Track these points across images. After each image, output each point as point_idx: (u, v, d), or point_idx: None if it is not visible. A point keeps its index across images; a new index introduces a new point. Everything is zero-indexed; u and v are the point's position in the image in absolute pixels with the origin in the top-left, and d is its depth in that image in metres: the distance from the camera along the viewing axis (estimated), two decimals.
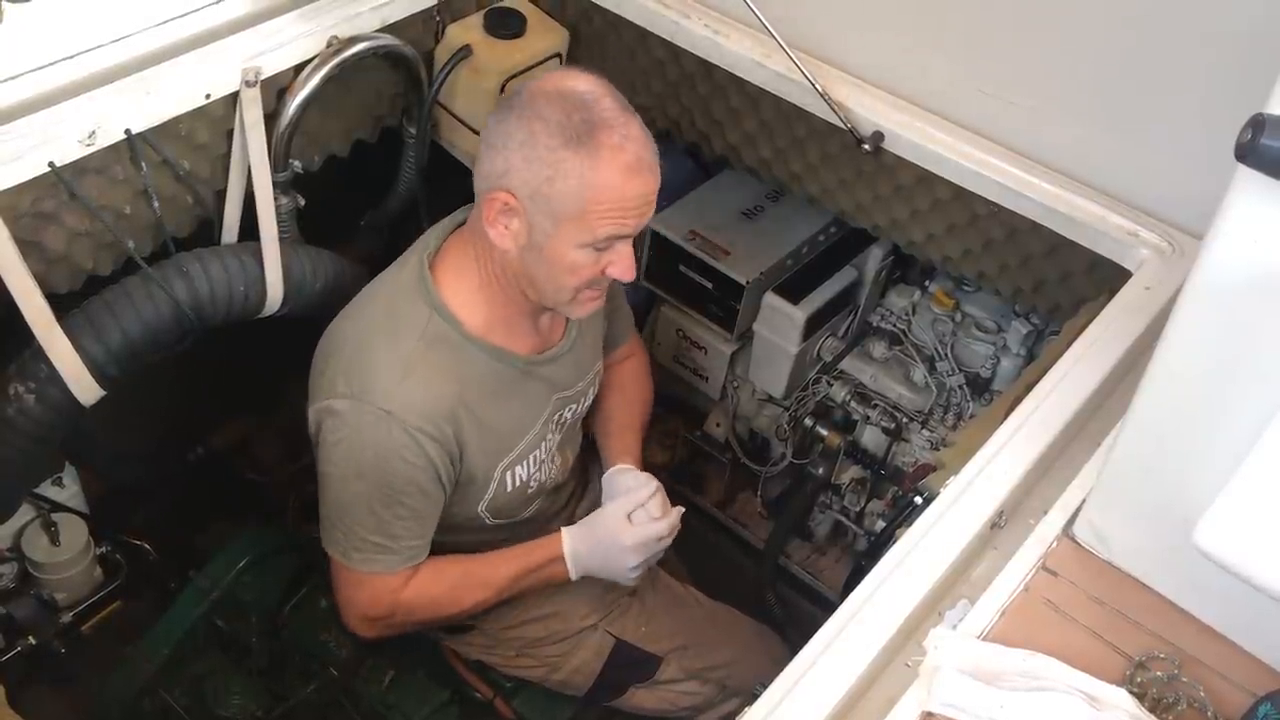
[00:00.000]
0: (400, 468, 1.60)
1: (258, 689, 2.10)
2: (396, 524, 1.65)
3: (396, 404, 1.58)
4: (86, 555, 2.03)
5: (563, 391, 1.81)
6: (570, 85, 1.52)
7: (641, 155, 1.52)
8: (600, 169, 1.48)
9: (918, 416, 2.32)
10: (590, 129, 1.48)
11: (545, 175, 1.49)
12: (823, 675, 1.16)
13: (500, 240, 1.57)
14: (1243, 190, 0.97)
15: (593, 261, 1.57)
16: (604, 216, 1.51)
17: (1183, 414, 1.15)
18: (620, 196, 1.51)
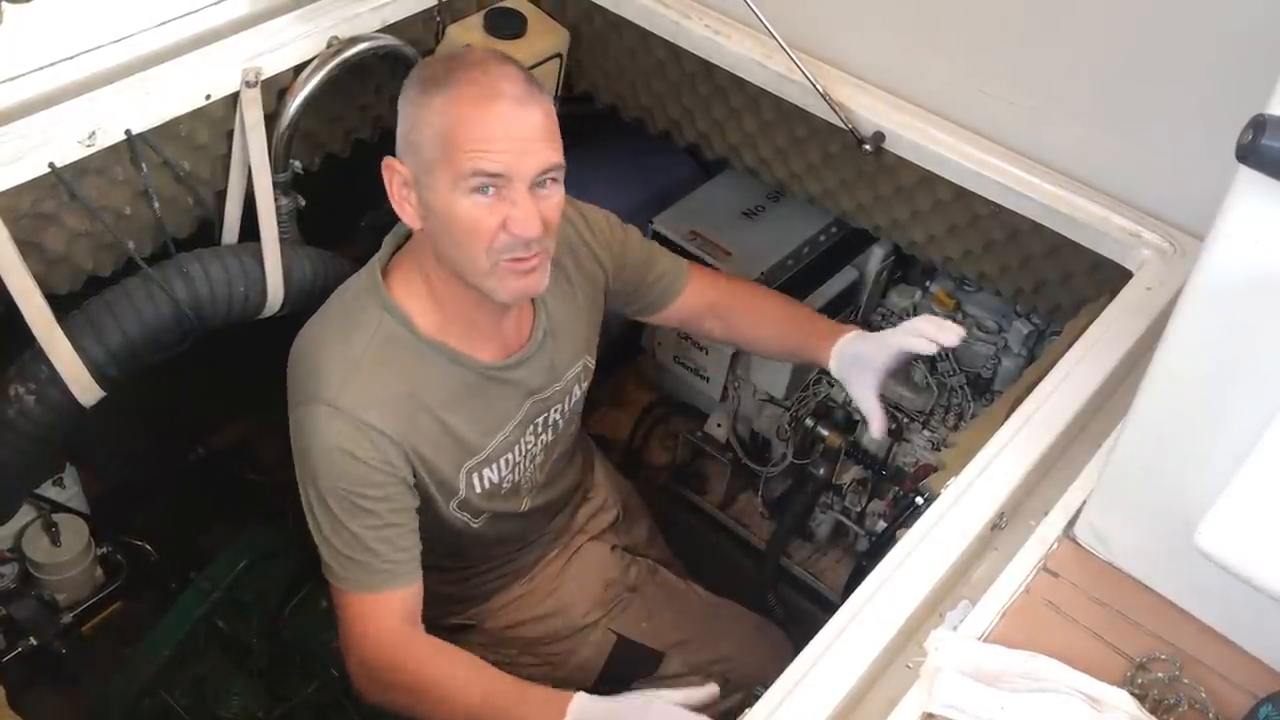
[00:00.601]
0: (354, 468, 1.53)
1: (258, 689, 2.10)
2: (369, 535, 1.56)
3: (345, 400, 1.52)
4: (87, 556, 2.03)
5: (538, 394, 1.75)
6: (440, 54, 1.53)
7: (500, 86, 1.45)
8: (454, 102, 1.44)
9: (919, 417, 2.32)
10: (448, 71, 1.47)
11: (410, 125, 1.48)
12: (824, 676, 1.16)
13: (406, 217, 1.53)
14: (1244, 191, 0.97)
15: (486, 211, 1.46)
16: (464, 150, 1.43)
17: (1184, 415, 1.15)
18: (478, 127, 1.43)
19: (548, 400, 1.77)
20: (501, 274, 1.51)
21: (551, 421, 1.81)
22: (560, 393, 1.79)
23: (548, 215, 1.50)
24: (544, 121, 1.48)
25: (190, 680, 2.13)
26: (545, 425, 1.80)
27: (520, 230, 1.46)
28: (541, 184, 1.49)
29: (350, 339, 1.57)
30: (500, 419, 1.71)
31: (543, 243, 1.52)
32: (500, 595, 1.95)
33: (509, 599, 1.96)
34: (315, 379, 1.55)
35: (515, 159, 1.45)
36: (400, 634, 1.60)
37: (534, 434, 1.78)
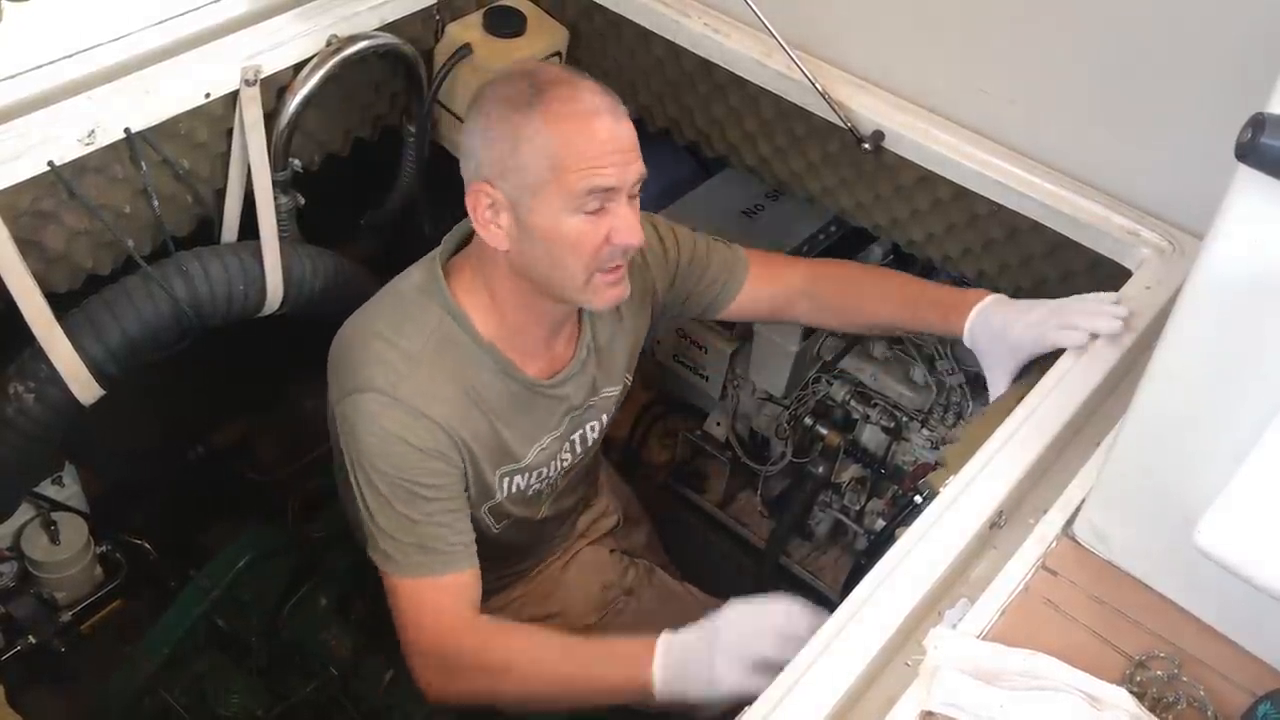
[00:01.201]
0: (412, 456, 1.53)
1: (258, 688, 2.10)
2: (429, 521, 1.55)
3: (403, 392, 1.52)
4: (86, 554, 2.03)
5: (577, 410, 1.75)
6: (518, 66, 1.53)
7: (596, 101, 1.47)
8: (557, 122, 1.44)
9: (917, 415, 2.32)
10: (537, 89, 1.45)
11: (508, 148, 1.46)
12: (822, 675, 1.16)
13: (494, 240, 1.52)
14: (1243, 190, 0.97)
15: (592, 228, 1.48)
16: (576, 169, 1.44)
17: (1183, 413, 1.15)
18: (586, 143, 1.44)
19: (584, 416, 1.78)
20: (596, 286, 1.54)
21: (586, 436, 1.81)
22: (598, 410, 1.80)
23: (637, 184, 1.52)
24: (631, 128, 1.51)
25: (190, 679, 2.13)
26: (580, 440, 1.81)
27: (626, 239, 1.50)
28: (632, 194, 1.52)
29: (407, 334, 1.57)
30: (540, 430, 1.71)
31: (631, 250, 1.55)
32: (499, 596, 1.95)
33: (508, 599, 1.96)
34: (369, 369, 1.55)
35: (621, 171, 1.47)
36: (465, 618, 1.57)
37: (569, 448, 1.79)
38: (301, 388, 2.67)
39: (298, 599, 2.17)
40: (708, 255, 1.84)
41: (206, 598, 2.17)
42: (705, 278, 1.84)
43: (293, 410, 2.68)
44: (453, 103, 2.08)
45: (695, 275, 1.83)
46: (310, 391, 2.65)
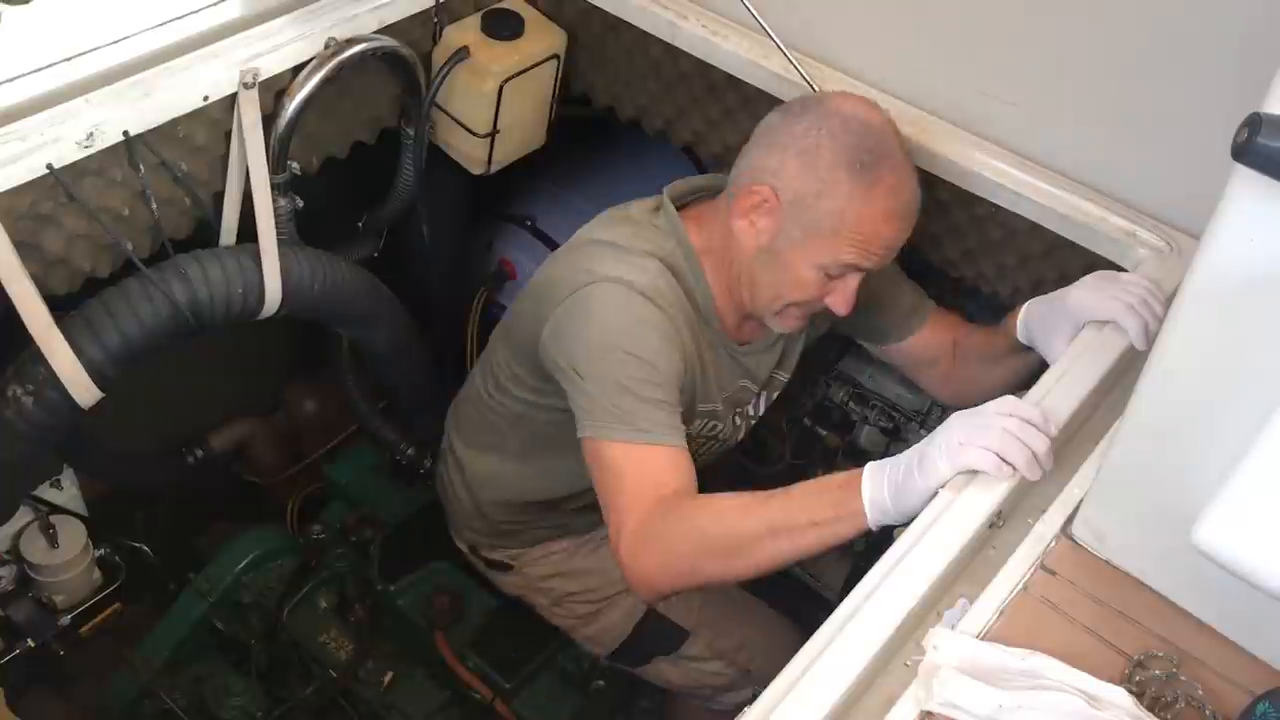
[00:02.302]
0: (653, 340, 1.56)
1: (257, 691, 2.11)
2: (653, 403, 1.54)
3: (641, 281, 1.59)
4: (85, 558, 2.03)
5: (757, 384, 1.86)
6: (869, 117, 1.58)
7: (910, 204, 1.58)
8: (871, 202, 1.54)
9: (915, 416, 2.32)
10: (875, 163, 1.54)
11: (816, 189, 1.55)
12: (822, 675, 1.16)
13: (742, 233, 1.63)
14: (1239, 190, 0.97)
15: (819, 284, 1.61)
16: (853, 245, 1.56)
17: (1181, 413, 1.16)
18: (875, 234, 1.56)
19: (746, 395, 1.86)
20: (785, 317, 1.69)
21: (757, 412, 1.91)
22: (770, 389, 1.90)
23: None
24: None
25: (189, 682, 2.13)
26: (740, 413, 1.88)
27: (841, 309, 1.64)
28: None
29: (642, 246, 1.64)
30: (721, 383, 1.79)
31: None
32: (546, 545, 2.00)
33: (553, 550, 2.00)
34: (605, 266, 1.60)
35: (880, 261, 1.61)
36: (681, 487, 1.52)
37: (741, 416, 1.88)
38: (299, 390, 2.68)
39: (297, 601, 2.18)
40: (896, 292, 1.90)
41: (205, 601, 2.18)
42: (886, 313, 1.90)
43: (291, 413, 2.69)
44: (451, 105, 2.08)
45: (876, 306, 1.87)
46: (309, 394, 2.67)
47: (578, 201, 2.45)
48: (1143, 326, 1.51)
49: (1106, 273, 1.63)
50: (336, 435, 2.68)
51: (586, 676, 2.07)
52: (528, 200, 2.53)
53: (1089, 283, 1.61)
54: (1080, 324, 1.59)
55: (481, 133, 2.09)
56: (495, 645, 2.06)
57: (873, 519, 1.37)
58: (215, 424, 2.52)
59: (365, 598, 2.18)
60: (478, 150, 2.12)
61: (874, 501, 1.36)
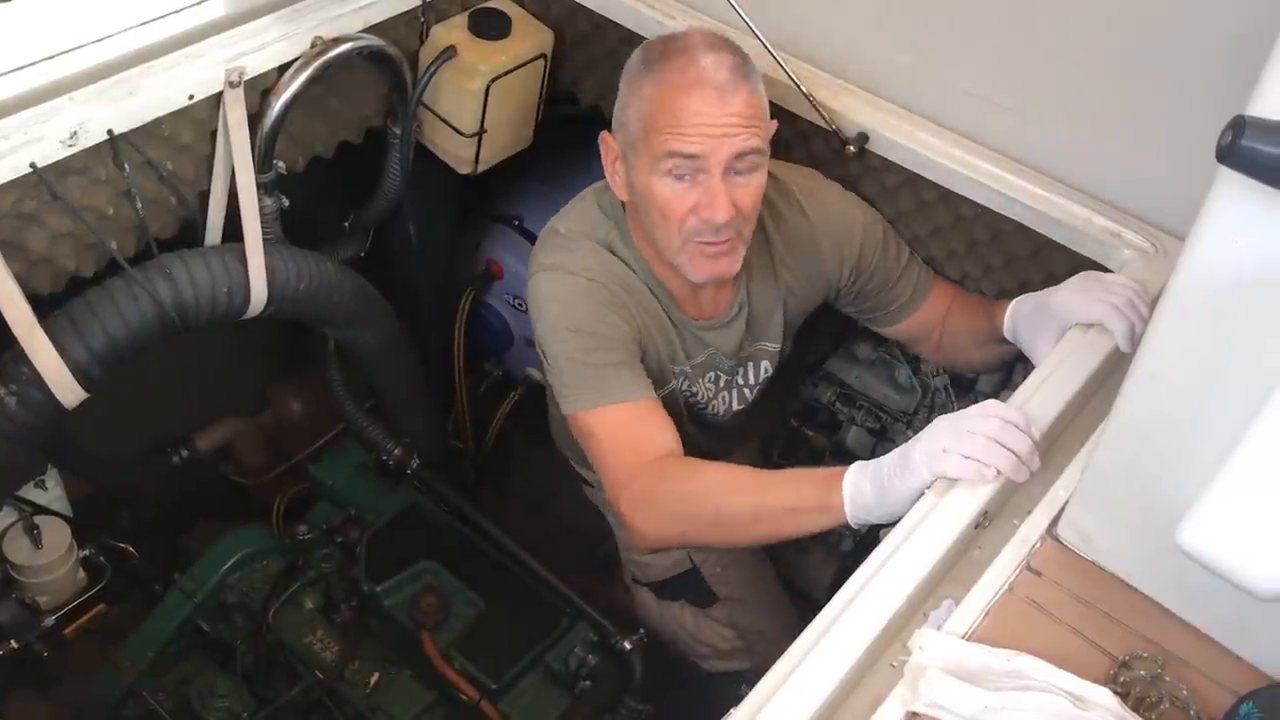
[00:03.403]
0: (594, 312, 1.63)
1: (242, 692, 2.10)
2: (610, 367, 1.63)
3: (577, 264, 1.66)
4: (69, 558, 2.02)
5: (725, 357, 1.85)
6: (677, 32, 1.58)
7: (705, 74, 1.51)
8: (659, 84, 1.52)
9: (902, 417, 2.32)
10: (663, 53, 1.52)
11: (623, 104, 1.56)
12: (808, 676, 1.16)
13: (616, 188, 1.65)
14: (1224, 192, 0.97)
15: (678, 196, 1.55)
16: (661, 133, 1.51)
17: (1165, 414, 1.16)
18: (674, 110, 1.51)
19: (732, 366, 1.87)
20: (691, 254, 1.61)
21: (735, 384, 1.92)
22: (756, 357, 1.90)
23: (741, 201, 1.56)
24: (746, 108, 1.53)
25: (174, 683, 2.12)
26: (730, 384, 1.91)
27: (709, 215, 1.55)
28: (739, 170, 1.55)
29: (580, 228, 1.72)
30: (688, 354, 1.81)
31: (735, 227, 1.58)
32: None
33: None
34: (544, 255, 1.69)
35: (712, 143, 1.51)
36: (659, 443, 1.60)
37: (722, 383, 1.89)
38: (285, 390, 2.67)
39: (282, 602, 2.17)
40: (901, 270, 1.89)
41: (191, 601, 2.17)
42: (891, 291, 1.90)
43: (277, 412, 2.68)
44: (437, 105, 2.07)
45: (881, 285, 1.89)
46: (295, 393, 2.66)
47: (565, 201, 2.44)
48: (1129, 328, 1.52)
49: (1092, 274, 1.64)
50: (323, 435, 2.68)
51: (574, 677, 2.07)
52: (515, 200, 2.52)
53: (1075, 284, 1.61)
54: (1066, 326, 1.59)
55: (468, 132, 2.08)
56: (482, 646, 2.06)
57: (853, 516, 1.40)
58: (201, 424, 2.51)
59: (351, 598, 2.17)
60: (465, 150, 2.12)
61: (854, 500, 1.39)
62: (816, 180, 1.87)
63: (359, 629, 2.16)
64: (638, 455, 1.59)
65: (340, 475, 2.39)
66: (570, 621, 2.11)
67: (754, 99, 1.56)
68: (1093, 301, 1.56)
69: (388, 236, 2.32)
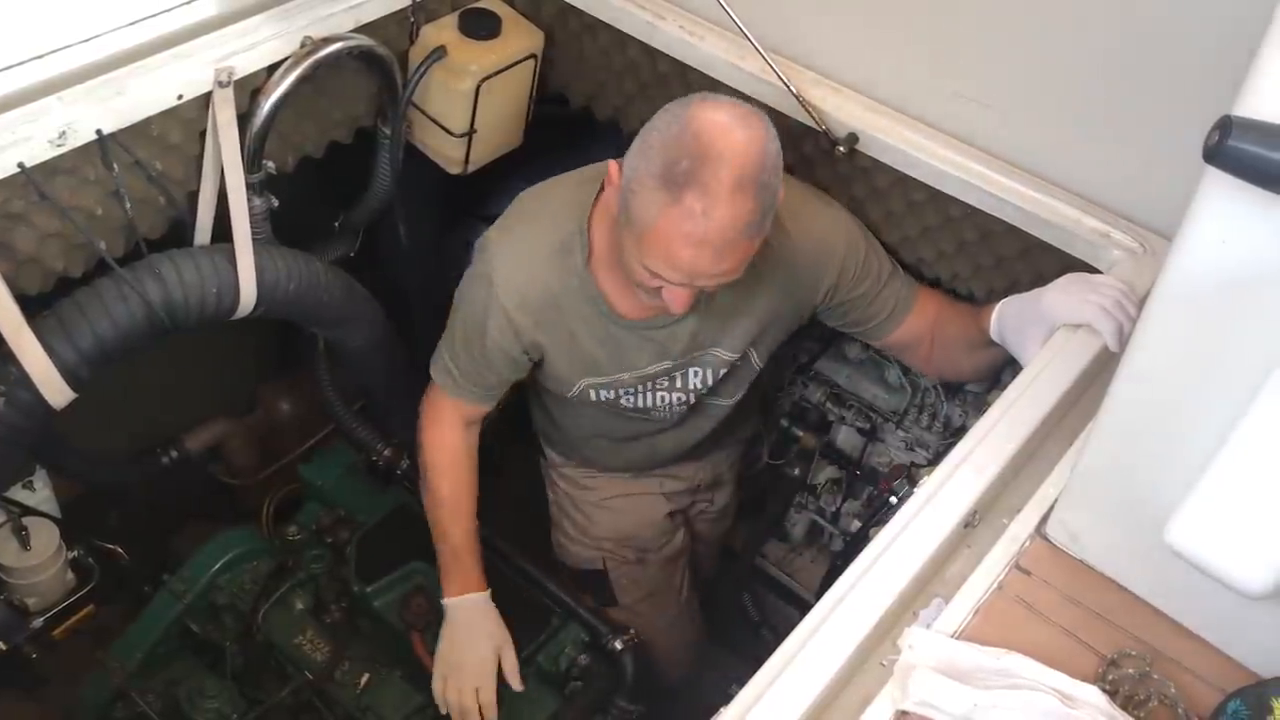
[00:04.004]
0: (479, 328, 1.79)
1: (232, 693, 2.09)
2: (466, 361, 1.85)
3: (501, 276, 1.75)
4: (58, 560, 2.01)
5: (674, 359, 1.85)
6: (713, 132, 1.46)
7: (710, 236, 1.47)
8: (668, 219, 1.47)
9: (892, 417, 2.33)
10: (685, 181, 1.45)
11: (634, 184, 1.52)
12: (798, 674, 1.16)
13: (609, 199, 1.65)
14: (1211, 192, 0.98)
15: (649, 277, 1.58)
16: (656, 257, 1.53)
17: (1153, 414, 1.16)
18: (674, 253, 1.50)
19: (683, 364, 1.87)
20: (648, 295, 1.65)
21: (690, 385, 1.92)
22: (701, 363, 1.89)
23: (709, 289, 1.62)
24: (739, 263, 1.55)
25: (163, 684, 2.12)
26: (682, 384, 1.92)
27: (672, 308, 1.63)
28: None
29: (541, 228, 1.77)
30: (628, 360, 1.85)
31: None
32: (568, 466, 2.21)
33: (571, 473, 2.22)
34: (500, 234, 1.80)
35: (690, 280, 1.56)
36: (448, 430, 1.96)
37: (664, 386, 1.91)
38: (274, 390, 2.67)
39: (272, 603, 2.16)
40: (883, 285, 1.88)
41: (180, 602, 2.16)
42: (873, 306, 1.89)
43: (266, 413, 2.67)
44: (428, 105, 2.07)
45: (863, 301, 1.88)
46: (284, 394, 2.66)
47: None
48: (1117, 329, 1.53)
49: (1079, 275, 1.64)
50: (312, 436, 2.67)
51: (564, 677, 2.07)
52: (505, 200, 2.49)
53: (1062, 285, 1.62)
54: (1054, 327, 1.60)
55: (459, 132, 2.08)
56: None
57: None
58: (190, 425, 2.50)
59: (341, 599, 2.17)
60: (455, 150, 2.12)
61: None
62: (803, 197, 1.84)
63: (349, 630, 2.16)
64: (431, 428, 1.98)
65: (330, 476, 2.39)
66: (561, 621, 2.11)
67: (753, 246, 1.55)
68: (1080, 303, 1.57)
69: (378, 237, 2.31)
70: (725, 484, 2.34)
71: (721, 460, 2.29)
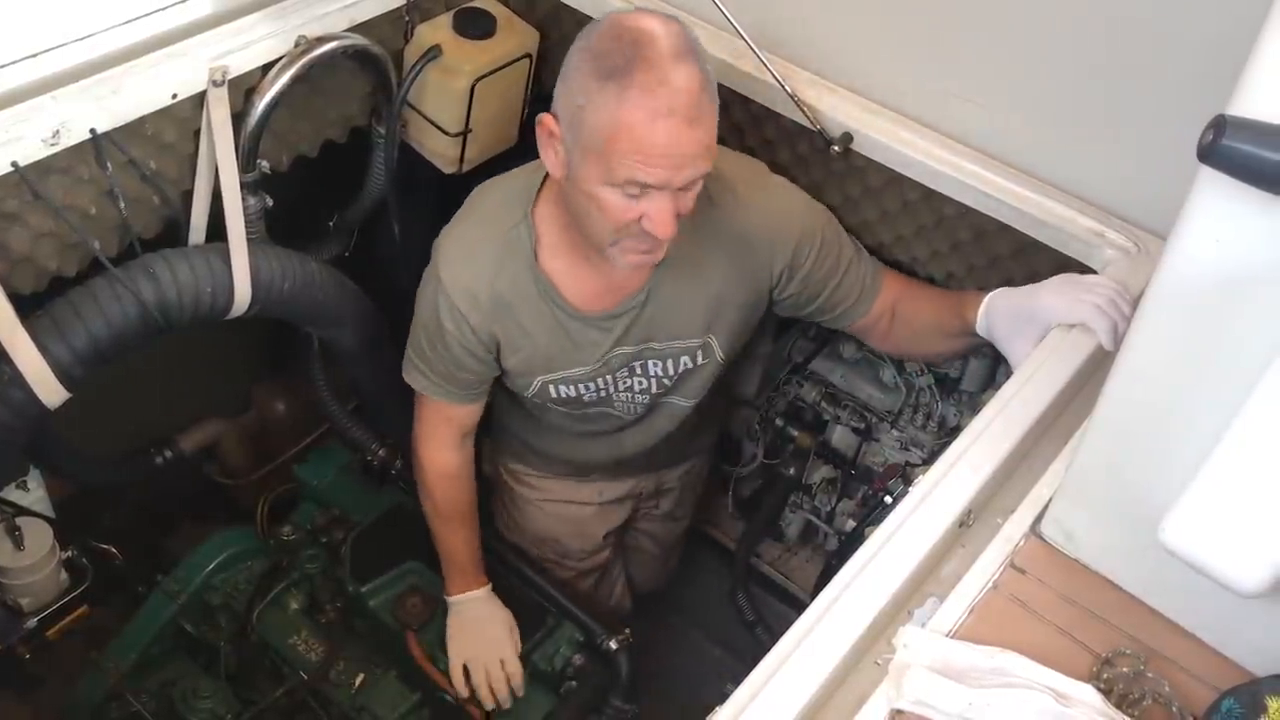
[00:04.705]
0: (436, 324, 1.78)
1: (226, 693, 2.09)
2: (433, 358, 1.83)
3: (448, 275, 1.74)
4: (52, 560, 2.00)
5: (631, 346, 1.81)
6: (636, 23, 1.47)
7: (676, 103, 1.43)
8: (626, 108, 1.43)
9: (887, 416, 2.33)
10: (630, 66, 1.43)
11: (579, 104, 1.47)
12: (793, 674, 1.16)
13: (550, 164, 1.58)
14: (1205, 191, 0.98)
15: (625, 207, 1.51)
16: (624, 157, 1.46)
17: (1147, 413, 1.17)
18: (641, 140, 1.44)
19: (641, 354, 1.84)
20: (624, 249, 1.60)
21: (651, 373, 1.89)
22: (660, 353, 1.86)
23: (682, 208, 1.54)
24: (709, 134, 1.50)
25: (157, 685, 2.11)
26: (643, 371, 1.88)
27: (656, 231, 1.53)
28: (686, 187, 1.52)
29: (485, 224, 1.75)
30: (582, 355, 1.82)
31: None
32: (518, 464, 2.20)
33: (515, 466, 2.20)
34: (447, 236, 1.77)
35: (669, 174, 1.48)
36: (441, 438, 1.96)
37: (623, 376, 1.88)
38: (269, 390, 2.66)
39: (267, 603, 2.16)
40: (845, 269, 1.84)
41: (174, 603, 2.16)
42: (837, 292, 1.85)
43: (261, 413, 2.67)
44: (422, 104, 2.07)
45: (823, 285, 1.84)
46: (279, 394, 2.66)
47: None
48: (1112, 327, 1.53)
49: (1072, 275, 1.64)
50: (307, 436, 2.67)
51: (559, 677, 2.07)
52: None
53: (1055, 286, 1.62)
54: (1048, 327, 1.60)
55: (453, 132, 2.08)
56: None
57: None
58: (184, 424, 2.50)
59: (336, 599, 2.17)
60: (450, 149, 2.11)
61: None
62: (759, 175, 1.82)
63: (344, 630, 2.16)
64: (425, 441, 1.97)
65: (325, 476, 2.39)
66: (556, 621, 2.11)
67: (714, 117, 1.50)
68: (1075, 302, 1.57)
69: (372, 236, 2.31)
70: (671, 491, 2.32)
71: (672, 474, 2.28)
